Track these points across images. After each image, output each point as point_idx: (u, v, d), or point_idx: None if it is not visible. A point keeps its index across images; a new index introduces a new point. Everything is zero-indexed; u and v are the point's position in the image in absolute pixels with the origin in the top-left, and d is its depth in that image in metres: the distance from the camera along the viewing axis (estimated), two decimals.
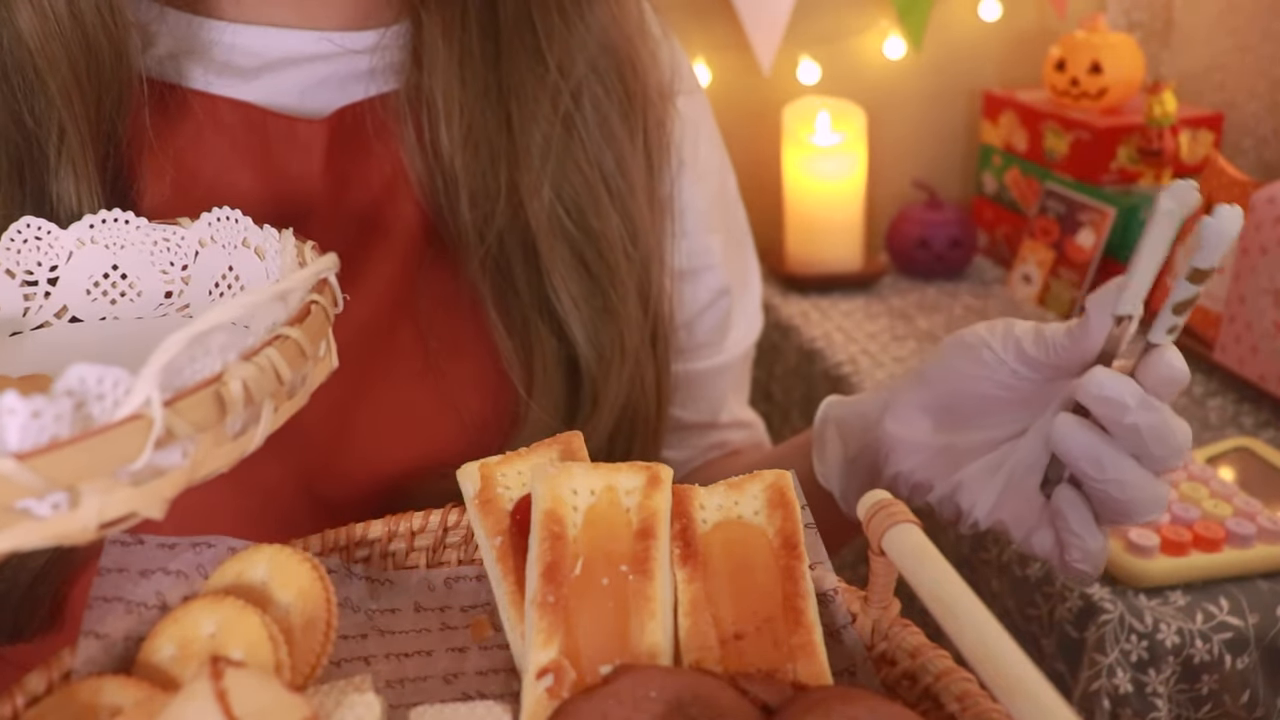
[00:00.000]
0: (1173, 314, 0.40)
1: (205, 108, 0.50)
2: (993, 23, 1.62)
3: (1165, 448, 0.41)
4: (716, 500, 0.39)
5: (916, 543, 0.34)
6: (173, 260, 0.43)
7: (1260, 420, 1.13)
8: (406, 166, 0.52)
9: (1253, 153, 1.48)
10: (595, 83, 0.54)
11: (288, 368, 0.30)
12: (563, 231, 0.53)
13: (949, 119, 1.67)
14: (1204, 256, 0.39)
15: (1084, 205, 1.40)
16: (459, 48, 0.52)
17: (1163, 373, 0.41)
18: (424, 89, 0.51)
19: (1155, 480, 0.42)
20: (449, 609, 0.40)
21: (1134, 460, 0.41)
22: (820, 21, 1.57)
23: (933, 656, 0.35)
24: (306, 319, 0.32)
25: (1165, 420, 0.41)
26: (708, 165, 0.65)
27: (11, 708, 0.32)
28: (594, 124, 0.54)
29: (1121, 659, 0.85)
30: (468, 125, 0.51)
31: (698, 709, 0.30)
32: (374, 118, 0.52)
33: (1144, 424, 0.40)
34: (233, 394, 0.28)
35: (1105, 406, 0.41)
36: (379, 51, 0.53)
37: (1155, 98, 1.33)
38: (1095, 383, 0.41)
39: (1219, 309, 1.21)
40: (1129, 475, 0.41)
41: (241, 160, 0.50)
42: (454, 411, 0.52)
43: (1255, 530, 0.87)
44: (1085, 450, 0.41)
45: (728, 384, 0.69)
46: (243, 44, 0.52)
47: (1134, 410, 0.40)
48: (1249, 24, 1.46)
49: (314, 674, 0.34)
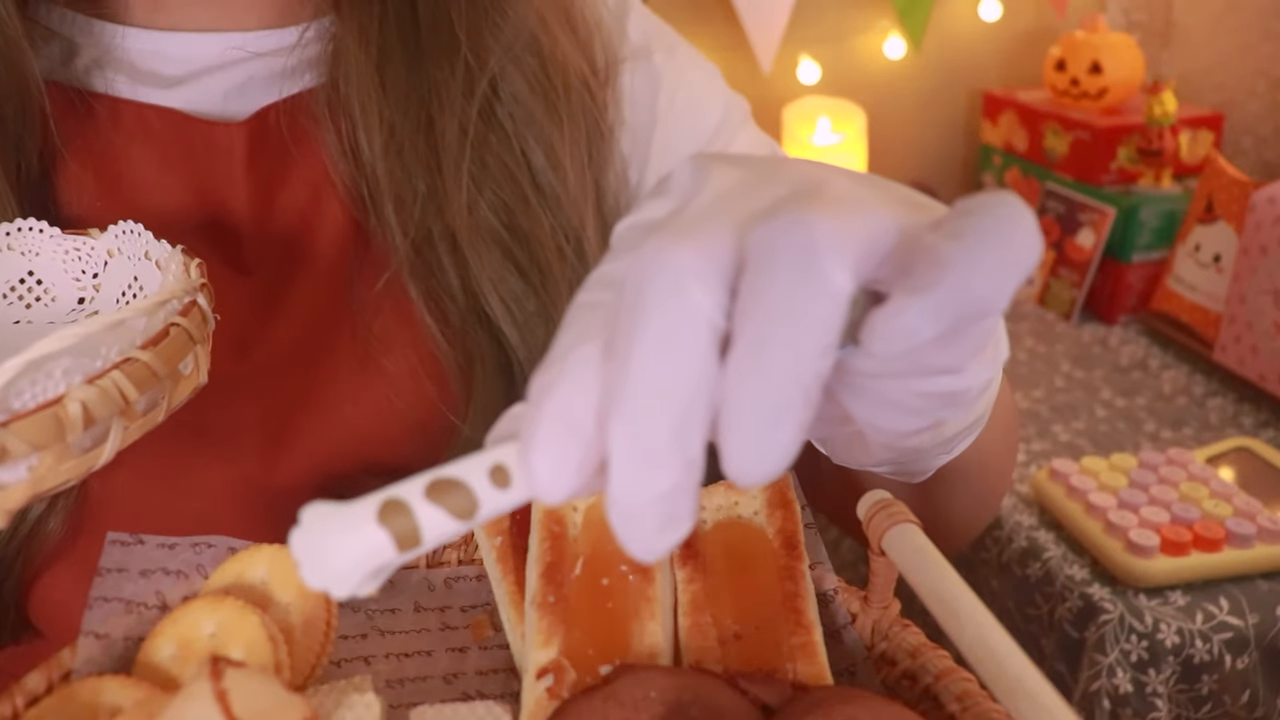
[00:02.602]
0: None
1: (131, 115, 0.50)
2: (993, 23, 1.62)
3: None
4: (716, 500, 0.39)
5: (916, 543, 0.34)
6: (84, 269, 0.45)
7: (1260, 420, 1.13)
8: (330, 169, 0.51)
9: (1253, 153, 1.48)
10: (518, 80, 0.53)
11: (134, 389, 0.32)
12: (490, 233, 0.52)
13: (949, 119, 1.67)
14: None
15: (1084, 205, 1.40)
16: (376, 51, 0.51)
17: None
18: (341, 93, 0.51)
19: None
20: (449, 609, 0.40)
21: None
22: (820, 21, 1.57)
23: (933, 656, 0.35)
24: (163, 341, 0.34)
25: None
26: (686, 109, 0.60)
27: (11, 708, 0.32)
28: (519, 121, 0.53)
29: (1121, 659, 0.85)
30: (388, 129, 0.51)
31: (698, 709, 0.30)
32: (293, 119, 0.51)
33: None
34: (71, 415, 0.30)
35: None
36: (298, 49, 0.52)
37: (1155, 98, 1.33)
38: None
39: (1219, 309, 1.21)
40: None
41: (168, 166, 0.50)
42: (395, 412, 0.52)
43: (1255, 530, 0.87)
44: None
45: None
46: (164, 51, 0.52)
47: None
48: (1249, 24, 1.47)
49: (314, 674, 0.34)
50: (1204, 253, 1.25)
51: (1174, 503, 0.91)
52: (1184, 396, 1.20)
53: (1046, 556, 0.94)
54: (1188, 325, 1.27)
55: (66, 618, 0.50)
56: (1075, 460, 0.99)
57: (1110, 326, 1.38)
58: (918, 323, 0.23)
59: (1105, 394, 1.21)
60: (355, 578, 0.23)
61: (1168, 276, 1.31)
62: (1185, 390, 1.21)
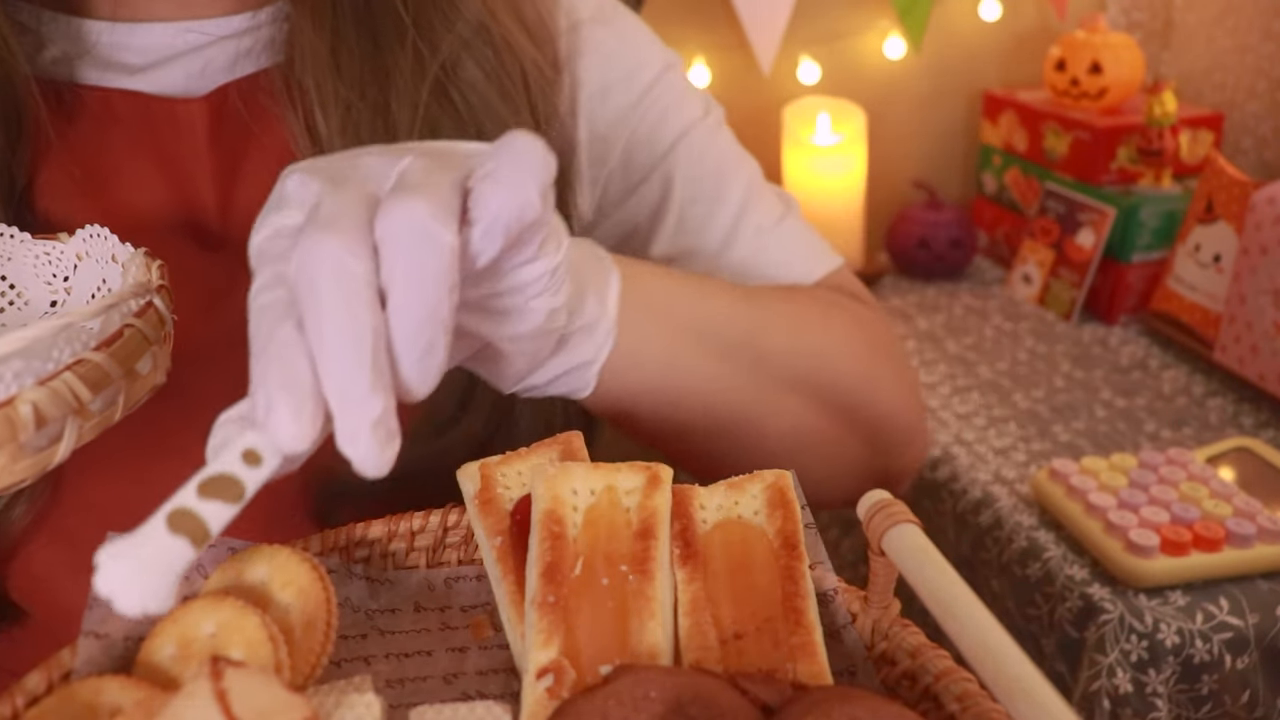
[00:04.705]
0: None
1: (97, 101, 0.52)
2: (993, 23, 1.62)
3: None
4: (716, 500, 0.39)
5: (916, 543, 0.34)
6: (55, 272, 0.45)
7: (1260, 420, 1.13)
8: (291, 144, 0.53)
9: (1253, 153, 1.48)
10: (472, 67, 0.54)
11: (87, 390, 0.33)
12: None
13: (949, 119, 1.67)
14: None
15: (1084, 205, 1.40)
16: (330, 34, 0.52)
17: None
18: (297, 72, 0.52)
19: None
20: (449, 609, 0.40)
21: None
22: (820, 21, 1.57)
23: (933, 656, 0.35)
24: (116, 342, 0.35)
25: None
26: (615, 76, 0.62)
27: (11, 707, 0.32)
28: (475, 108, 0.54)
29: (1121, 659, 0.85)
30: (344, 107, 0.52)
31: (698, 709, 0.30)
32: (253, 97, 0.53)
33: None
34: (22, 416, 0.31)
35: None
36: (254, 32, 0.54)
37: (1155, 98, 1.33)
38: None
39: (1219, 309, 1.21)
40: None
41: (137, 149, 0.52)
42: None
43: (1255, 530, 0.87)
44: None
45: (760, 256, 0.63)
46: (128, 42, 0.53)
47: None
48: (1249, 24, 1.47)
49: (314, 674, 0.34)
50: (1204, 253, 1.25)
51: (1174, 503, 0.91)
52: (1184, 396, 1.20)
53: (1046, 557, 0.94)
54: (1188, 325, 1.27)
55: (49, 591, 0.50)
56: (1075, 460, 0.99)
57: (1110, 326, 1.38)
58: (483, 245, 0.33)
59: (1105, 394, 1.22)
60: (166, 588, 0.27)
61: (1168, 277, 1.31)
62: (1185, 390, 1.21)
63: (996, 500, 1.03)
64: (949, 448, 1.13)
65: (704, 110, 0.64)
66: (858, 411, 0.59)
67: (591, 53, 0.61)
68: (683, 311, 0.50)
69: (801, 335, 0.56)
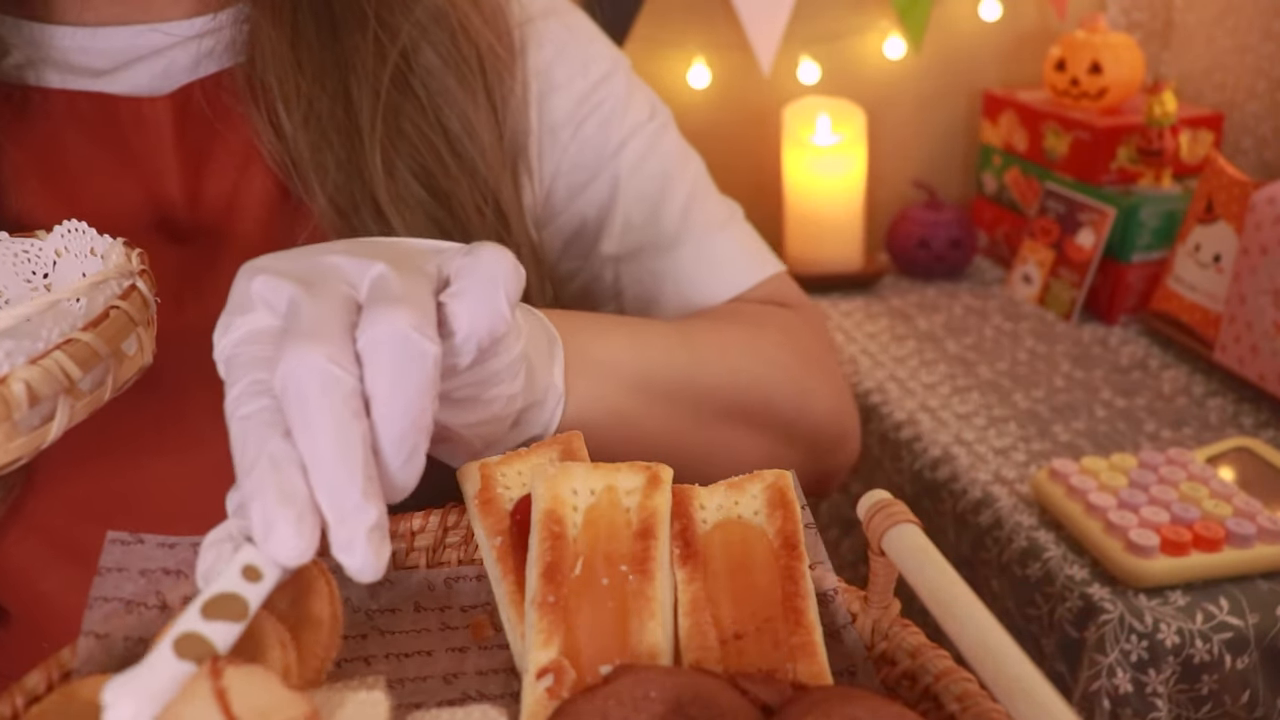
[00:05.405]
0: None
1: (62, 103, 0.52)
2: (993, 23, 1.62)
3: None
4: (716, 500, 0.39)
5: (916, 543, 0.34)
6: (34, 270, 0.46)
7: (1260, 420, 1.13)
8: (255, 141, 0.53)
9: (1253, 153, 1.48)
10: (429, 53, 0.55)
11: (77, 368, 0.34)
12: (412, 196, 0.54)
13: (949, 119, 1.67)
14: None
15: (1084, 205, 1.40)
16: (290, 30, 0.53)
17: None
18: (259, 71, 0.53)
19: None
20: (449, 609, 0.40)
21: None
22: (820, 21, 1.57)
23: (933, 656, 0.35)
24: (103, 323, 0.35)
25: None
26: (566, 70, 0.63)
27: (11, 707, 0.32)
28: (434, 92, 0.55)
29: (1121, 659, 0.85)
30: (306, 102, 0.53)
31: (698, 709, 0.30)
32: (216, 95, 0.53)
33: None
34: (15, 394, 0.32)
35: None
36: (216, 33, 0.54)
37: (1155, 98, 1.33)
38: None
39: (1219, 309, 1.21)
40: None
41: (101, 147, 0.52)
42: None
43: (1255, 530, 0.87)
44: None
45: (700, 263, 0.65)
46: (92, 46, 0.53)
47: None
48: (1249, 24, 1.47)
49: (320, 675, 0.34)
50: (1204, 253, 1.25)
51: (1174, 503, 0.91)
52: (1184, 396, 1.20)
53: (1046, 556, 0.94)
54: (1188, 325, 1.27)
55: (26, 586, 0.50)
56: (1075, 460, 0.99)
57: (1110, 326, 1.38)
58: (459, 356, 0.35)
59: (1105, 394, 1.22)
60: (168, 702, 0.27)
61: (1168, 277, 1.31)
62: (1185, 390, 1.21)
63: (996, 500, 1.03)
64: (949, 448, 1.13)
65: (651, 112, 0.65)
66: (794, 426, 0.60)
67: (545, 45, 0.61)
68: (625, 365, 0.51)
69: (735, 365, 0.57)
